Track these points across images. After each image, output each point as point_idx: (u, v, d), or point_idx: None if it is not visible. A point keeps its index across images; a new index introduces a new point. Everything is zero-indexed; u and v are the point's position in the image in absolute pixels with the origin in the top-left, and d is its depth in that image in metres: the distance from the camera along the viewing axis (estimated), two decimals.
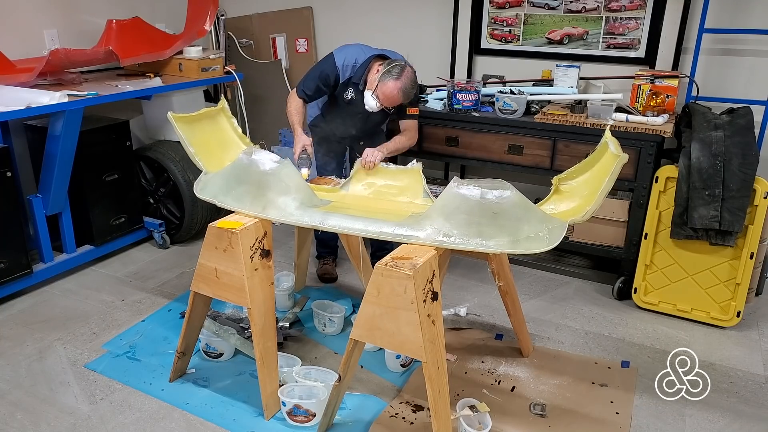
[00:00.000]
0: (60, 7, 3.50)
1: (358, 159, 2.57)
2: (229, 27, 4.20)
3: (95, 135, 3.24)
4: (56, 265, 3.18)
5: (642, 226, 2.95)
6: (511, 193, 1.96)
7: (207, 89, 4.08)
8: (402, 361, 2.51)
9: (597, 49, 3.37)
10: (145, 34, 3.66)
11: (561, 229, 1.96)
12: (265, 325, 2.18)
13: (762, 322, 2.94)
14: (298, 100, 2.84)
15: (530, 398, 2.37)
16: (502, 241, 1.94)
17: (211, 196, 2.34)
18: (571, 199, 2.17)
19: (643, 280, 2.99)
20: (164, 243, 3.62)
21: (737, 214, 2.64)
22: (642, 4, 3.20)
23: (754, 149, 2.65)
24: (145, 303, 3.02)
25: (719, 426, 2.26)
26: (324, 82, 2.80)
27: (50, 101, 2.80)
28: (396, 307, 1.84)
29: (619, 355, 2.67)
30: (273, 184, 2.22)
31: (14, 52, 3.22)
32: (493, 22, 3.58)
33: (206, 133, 2.53)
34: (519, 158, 3.18)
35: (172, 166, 3.46)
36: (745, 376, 2.54)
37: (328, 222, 2.14)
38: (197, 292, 2.25)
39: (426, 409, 2.28)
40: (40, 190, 3.09)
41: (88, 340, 2.70)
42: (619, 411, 2.31)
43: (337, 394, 2.09)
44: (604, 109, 3.00)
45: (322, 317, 2.77)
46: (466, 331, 2.83)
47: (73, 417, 2.23)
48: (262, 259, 2.17)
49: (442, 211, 2.01)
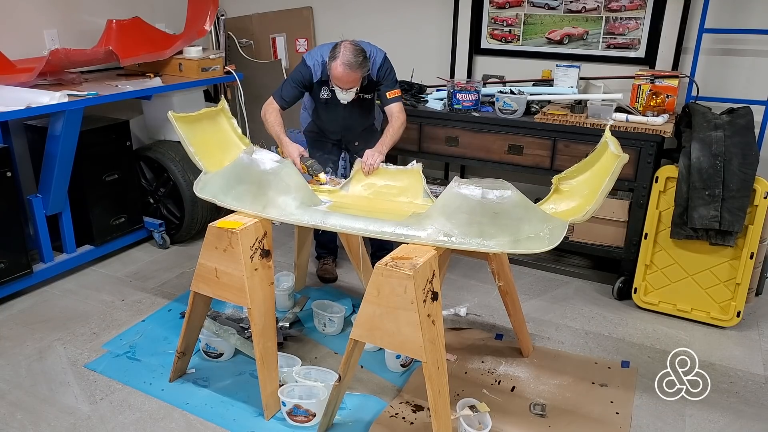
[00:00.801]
0: (60, 7, 3.50)
1: (358, 159, 2.57)
2: (229, 27, 4.20)
3: (95, 135, 3.24)
4: (56, 265, 3.18)
5: (642, 226, 2.95)
6: (511, 192, 1.96)
7: (207, 89, 4.08)
8: (402, 361, 2.51)
9: (597, 49, 3.37)
10: (145, 34, 3.66)
11: (562, 228, 1.96)
12: (265, 325, 2.18)
13: (762, 322, 2.94)
14: (275, 108, 2.82)
15: (530, 398, 2.37)
16: (503, 240, 1.95)
17: (211, 195, 2.34)
18: (571, 198, 2.17)
19: (643, 280, 2.99)
20: (164, 243, 3.62)
21: (737, 214, 2.64)
22: (642, 4, 3.20)
23: (754, 149, 2.65)
24: (145, 303, 3.02)
25: (719, 426, 2.26)
26: (300, 84, 2.82)
27: (50, 101, 2.80)
28: (396, 307, 1.84)
29: (619, 355, 2.67)
30: (273, 184, 2.22)
31: (14, 52, 3.22)
32: (493, 22, 3.58)
33: (206, 133, 2.54)
34: (519, 158, 3.18)
35: (172, 166, 3.46)
36: (745, 376, 2.54)
37: (329, 221, 2.14)
38: (197, 292, 2.25)
39: (426, 409, 2.28)
40: (40, 190, 3.09)
41: (88, 340, 2.70)
42: (619, 411, 2.31)
43: (337, 394, 2.09)
44: (604, 109, 3.00)
45: (322, 317, 2.76)
46: (466, 331, 2.83)
47: (73, 417, 2.23)
48: (262, 259, 2.17)
49: (443, 210, 2.01)
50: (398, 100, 2.89)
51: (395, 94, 2.88)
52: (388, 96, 2.86)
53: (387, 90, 2.85)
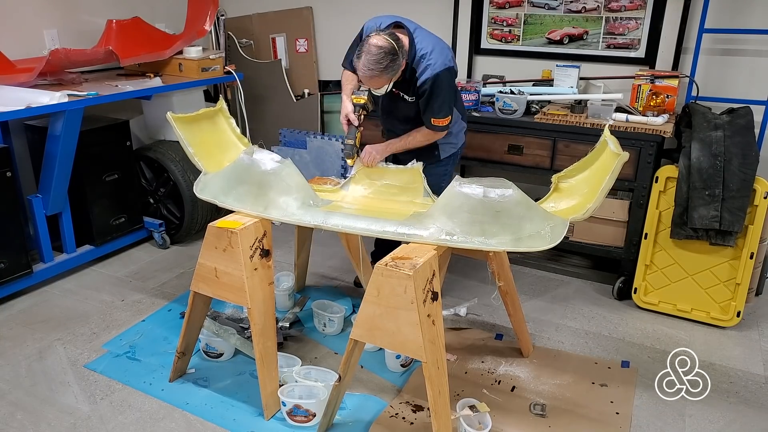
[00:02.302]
0: (60, 7, 3.50)
1: (358, 159, 2.56)
2: (229, 27, 4.20)
3: (95, 135, 3.24)
4: (56, 265, 3.18)
5: (642, 226, 2.95)
6: (513, 191, 1.96)
7: (207, 89, 4.08)
8: (402, 361, 2.51)
9: (597, 49, 3.37)
10: (145, 34, 3.66)
11: (563, 226, 1.97)
12: (265, 325, 2.18)
13: (762, 322, 2.94)
14: (345, 71, 2.65)
15: (530, 398, 2.37)
16: (504, 239, 1.95)
17: (211, 196, 2.34)
18: (570, 197, 2.17)
19: (643, 280, 2.98)
20: (164, 243, 3.62)
21: (737, 214, 2.64)
22: (642, 4, 3.20)
23: (754, 149, 2.65)
24: (145, 303, 3.02)
25: (719, 426, 2.26)
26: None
27: (50, 101, 2.79)
28: (396, 307, 1.84)
29: (619, 355, 2.67)
30: (274, 184, 2.22)
31: (14, 52, 3.22)
32: (493, 22, 3.58)
33: (205, 134, 2.53)
34: (519, 158, 3.18)
35: (172, 166, 3.46)
36: (745, 376, 2.54)
37: (330, 222, 2.14)
38: (197, 292, 2.25)
39: (426, 409, 2.28)
40: (40, 190, 3.09)
41: (88, 340, 2.69)
42: (619, 411, 2.31)
43: (337, 394, 2.09)
44: (604, 109, 3.00)
45: (322, 317, 2.76)
46: (466, 331, 2.83)
47: (73, 417, 2.23)
48: (262, 258, 2.17)
49: (444, 209, 2.01)
50: (442, 129, 2.53)
51: (439, 123, 2.48)
52: (432, 122, 2.49)
53: (431, 116, 2.47)
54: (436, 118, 2.48)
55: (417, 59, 2.42)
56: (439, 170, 2.71)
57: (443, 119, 2.49)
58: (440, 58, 2.40)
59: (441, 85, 2.40)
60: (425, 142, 2.60)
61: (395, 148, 2.60)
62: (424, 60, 2.41)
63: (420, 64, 2.42)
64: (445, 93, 2.43)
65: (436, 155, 2.70)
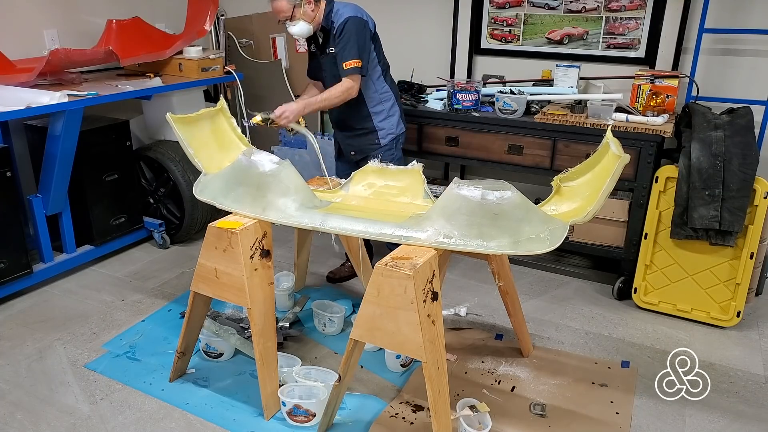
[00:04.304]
0: (60, 7, 3.50)
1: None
2: (229, 27, 4.19)
3: (95, 135, 3.24)
4: (56, 265, 3.18)
5: (642, 226, 2.95)
6: (512, 194, 1.96)
7: (207, 89, 4.08)
8: (402, 361, 2.51)
9: (597, 49, 3.37)
10: (145, 34, 3.66)
11: (562, 230, 1.96)
12: (265, 325, 2.18)
13: (762, 322, 2.94)
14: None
15: (530, 398, 2.37)
16: (503, 242, 1.94)
17: (210, 197, 2.33)
18: (572, 199, 2.17)
19: (643, 280, 2.98)
20: (164, 243, 3.62)
21: (737, 214, 2.64)
22: (642, 4, 3.20)
23: (754, 149, 2.65)
24: (145, 303, 3.02)
25: (719, 426, 2.26)
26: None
27: (50, 101, 2.80)
28: (396, 307, 1.84)
29: (619, 355, 2.67)
30: (273, 186, 2.21)
31: (14, 52, 3.22)
32: (493, 22, 3.58)
33: (205, 134, 2.53)
34: (519, 158, 3.18)
35: (172, 166, 3.46)
36: (745, 376, 2.54)
37: (329, 224, 2.14)
38: (197, 292, 2.25)
39: (426, 409, 2.28)
40: (40, 190, 3.09)
41: (88, 340, 2.70)
42: (619, 411, 2.31)
43: (337, 394, 2.09)
44: (604, 109, 3.00)
45: (322, 317, 2.77)
46: (466, 331, 2.83)
47: (73, 417, 2.23)
48: (262, 259, 2.17)
49: (442, 212, 2.01)
50: (354, 72, 2.64)
51: (350, 64, 2.63)
52: (344, 66, 2.63)
53: (342, 60, 2.62)
54: (346, 61, 2.63)
55: (334, 13, 2.69)
56: (386, 156, 2.86)
57: (352, 61, 2.63)
58: (354, 11, 2.67)
59: (350, 29, 2.62)
60: (343, 97, 2.69)
61: (314, 107, 2.72)
62: (338, 13, 2.68)
63: (336, 17, 2.68)
64: (355, 37, 2.63)
65: (377, 143, 2.90)
